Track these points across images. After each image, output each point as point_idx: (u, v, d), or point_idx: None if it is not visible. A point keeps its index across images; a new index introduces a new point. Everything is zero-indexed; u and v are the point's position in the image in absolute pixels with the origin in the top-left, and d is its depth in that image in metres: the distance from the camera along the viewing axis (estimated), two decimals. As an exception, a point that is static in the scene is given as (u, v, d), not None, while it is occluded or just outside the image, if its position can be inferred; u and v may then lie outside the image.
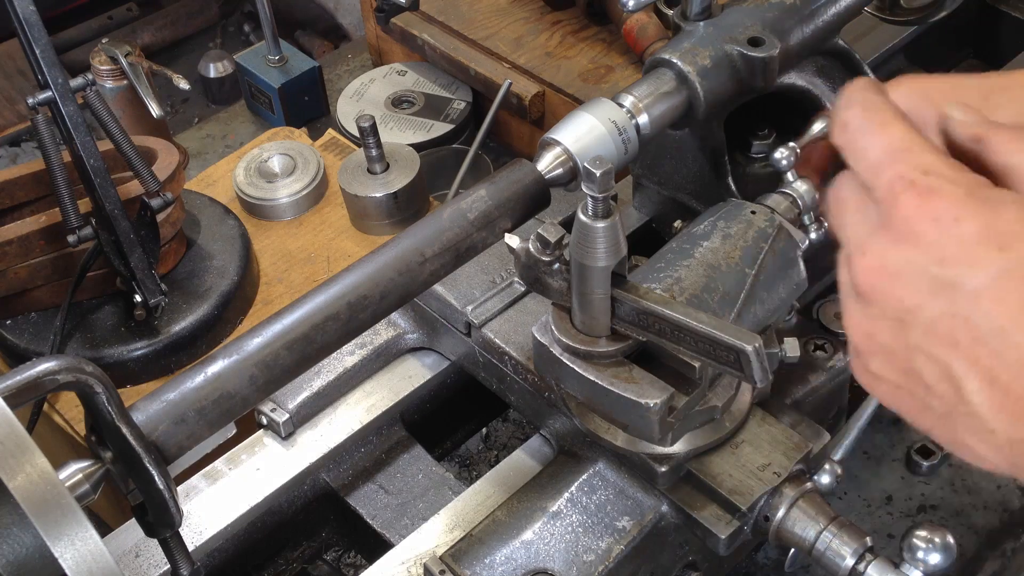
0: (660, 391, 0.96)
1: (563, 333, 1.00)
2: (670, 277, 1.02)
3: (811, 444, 1.09)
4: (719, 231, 1.06)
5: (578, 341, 0.99)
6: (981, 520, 1.46)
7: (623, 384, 0.97)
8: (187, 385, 0.87)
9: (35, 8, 1.24)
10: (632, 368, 0.98)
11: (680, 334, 0.93)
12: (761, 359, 0.89)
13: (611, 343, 0.99)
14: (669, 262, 1.04)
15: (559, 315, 1.01)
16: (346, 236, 1.75)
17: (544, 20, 2.10)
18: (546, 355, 1.01)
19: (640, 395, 0.96)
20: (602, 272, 0.93)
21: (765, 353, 0.90)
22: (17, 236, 1.45)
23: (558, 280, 0.99)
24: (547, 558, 1.07)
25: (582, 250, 0.92)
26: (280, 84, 2.17)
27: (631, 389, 0.96)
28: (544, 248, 0.97)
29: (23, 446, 0.72)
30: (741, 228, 1.06)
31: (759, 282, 1.04)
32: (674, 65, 1.13)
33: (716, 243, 1.05)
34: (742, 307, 1.02)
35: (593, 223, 0.90)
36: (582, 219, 0.91)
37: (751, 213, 1.08)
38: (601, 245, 0.91)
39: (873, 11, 1.52)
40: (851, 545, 1.03)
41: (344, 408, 1.28)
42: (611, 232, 0.91)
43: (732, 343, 0.89)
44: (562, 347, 1.00)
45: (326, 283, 0.95)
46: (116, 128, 1.42)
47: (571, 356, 0.99)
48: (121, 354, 1.51)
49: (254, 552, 1.26)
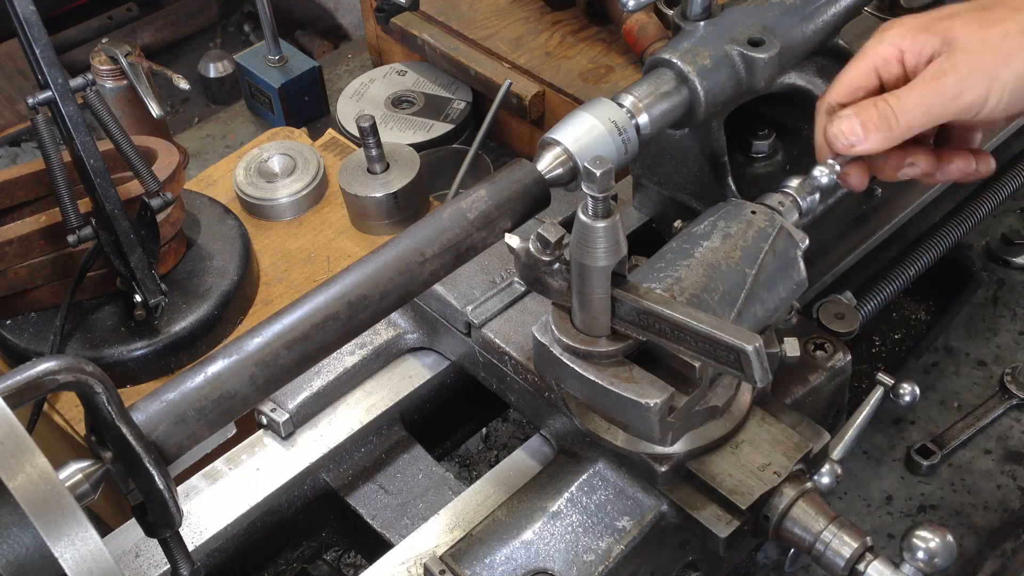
0: (660, 391, 0.96)
1: (563, 333, 1.00)
2: (670, 277, 1.02)
3: (811, 444, 1.09)
4: (719, 231, 1.06)
5: (578, 341, 0.99)
6: (981, 520, 1.46)
7: (623, 384, 0.97)
8: (187, 385, 0.87)
9: (35, 8, 1.24)
10: (632, 368, 0.98)
11: (680, 334, 0.93)
12: (761, 359, 0.89)
13: (611, 343, 0.99)
14: (669, 262, 1.04)
15: (559, 315, 1.01)
16: (346, 236, 1.75)
17: (544, 20, 2.10)
18: (546, 355, 1.01)
19: (640, 395, 0.96)
20: (602, 272, 0.93)
21: (765, 353, 0.90)
22: (17, 236, 1.45)
23: (558, 280, 0.99)
24: (547, 558, 1.07)
25: (582, 250, 0.92)
26: (280, 84, 2.17)
27: (631, 389, 0.96)
28: (544, 248, 0.97)
29: (23, 446, 0.72)
30: (741, 228, 1.06)
31: (759, 282, 1.04)
32: (674, 65, 1.13)
33: (716, 243, 1.05)
34: (742, 307, 1.02)
35: (593, 223, 0.90)
36: (582, 219, 0.91)
37: (751, 213, 1.08)
38: (601, 245, 0.92)
39: (873, 11, 1.52)
40: (851, 545, 1.03)
41: (344, 408, 1.28)
42: (611, 232, 0.91)
43: (732, 343, 0.89)
44: (562, 347, 1.00)
45: (326, 283, 0.95)
46: (116, 128, 1.42)
47: (571, 356, 0.99)
48: (121, 354, 1.51)
49: (254, 552, 1.26)
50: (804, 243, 1.08)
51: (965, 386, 1.63)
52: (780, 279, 1.06)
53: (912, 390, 1.27)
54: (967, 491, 1.50)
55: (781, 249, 1.06)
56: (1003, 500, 1.48)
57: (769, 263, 1.05)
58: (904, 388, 1.27)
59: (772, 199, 1.11)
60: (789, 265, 1.07)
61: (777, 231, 1.06)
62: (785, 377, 1.18)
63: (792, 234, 1.07)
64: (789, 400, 1.18)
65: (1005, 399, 1.59)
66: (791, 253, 1.07)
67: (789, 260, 1.07)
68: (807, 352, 1.22)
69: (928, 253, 1.59)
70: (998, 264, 1.81)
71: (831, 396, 1.24)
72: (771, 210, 1.09)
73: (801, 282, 1.08)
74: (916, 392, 1.27)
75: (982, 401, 1.60)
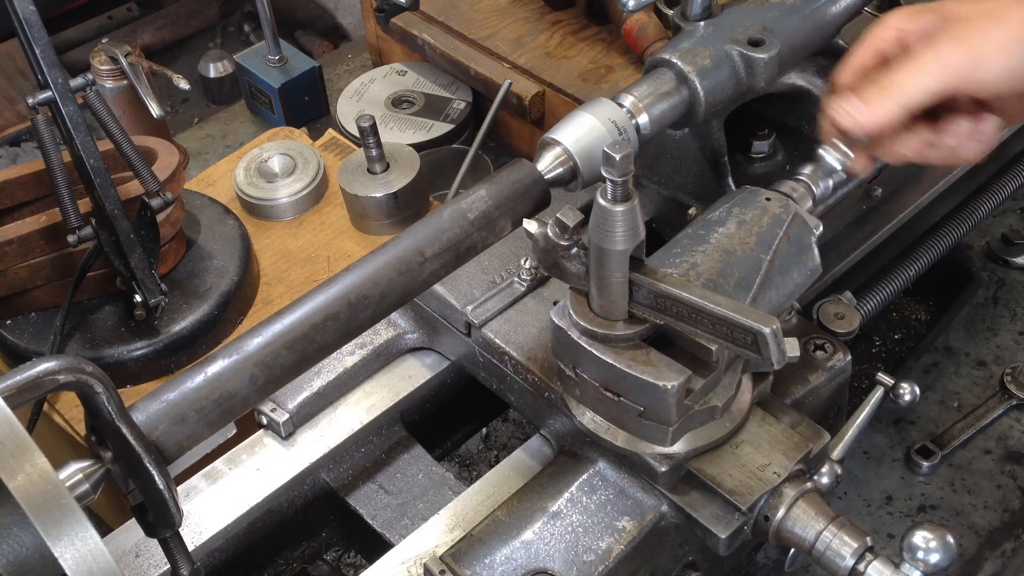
0: (677, 373, 0.96)
1: (581, 317, 1.00)
2: (686, 262, 1.03)
3: (811, 444, 1.09)
4: (734, 217, 1.07)
5: (596, 325, 1.00)
6: (981, 520, 1.46)
7: (640, 367, 0.98)
8: (187, 385, 0.87)
9: (35, 8, 1.24)
10: (649, 351, 0.99)
11: (697, 317, 0.94)
12: (779, 341, 0.90)
13: (629, 327, 0.99)
14: (685, 248, 1.05)
15: (577, 299, 1.02)
16: (346, 236, 1.75)
17: (544, 20, 2.10)
18: (564, 339, 1.02)
19: (658, 377, 0.96)
20: (620, 255, 0.94)
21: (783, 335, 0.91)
22: (17, 236, 1.45)
23: (576, 264, 1.00)
24: (547, 558, 1.07)
25: (601, 233, 0.93)
26: (280, 84, 2.17)
27: (649, 372, 0.97)
28: (563, 232, 0.98)
29: (23, 446, 0.72)
30: (756, 214, 1.07)
31: (774, 267, 1.05)
32: (674, 65, 1.13)
33: (731, 229, 1.06)
34: (757, 292, 1.03)
35: (612, 207, 0.91)
36: (601, 203, 0.92)
37: (766, 200, 1.09)
38: (620, 228, 0.92)
39: (873, 11, 1.52)
40: (851, 545, 1.03)
41: (344, 408, 1.28)
42: (630, 216, 0.92)
43: (750, 325, 0.90)
44: (580, 330, 1.01)
45: (326, 283, 0.95)
46: (116, 128, 1.42)
47: (589, 339, 1.00)
48: (121, 354, 1.51)
49: (254, 552, 1.26)
50: (818, 229, 1.09)
51: (965, 386, 1.63)
52: (795, 265, 1.07)
53: (912, 390, 1.27)
54: (967, 491, 1.50)
55: (796, 235, 1.07)
56: (1003, 500, 1.48)
57: (784, 249, 1.06)
58: (904, 388, 1.27)
59: (785, 186, 1.12)
60: (803, 251, 1.08)
61: (791, 217, 1.07)
62: (785, 377, 1.18)
63: (806, 220, 1.08)
64: (789, 400, 1.18)
65: (1005, 399, 1.59)
66: (805, 239, 1.08)
67: (803, 246, 1.08)
68: (807, 352, 1.22)
69: (928, 253, 1.59)
70: (998, 264, 1.81)
71: (831, 396, 1.24)
72: (785, 197, 1.10)
73: (815, 268, 1.09)
74: (916, 392, 1.27)
75: (982, 401, 1.60)
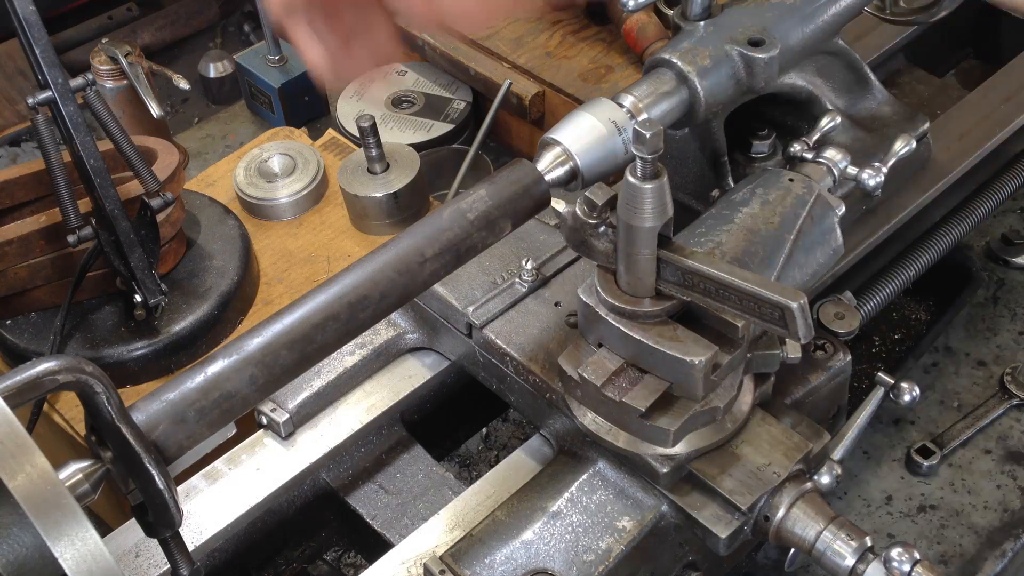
0: (705, 348, 0.97)
1: (608, 294, 1.02)
2: (711, 241, 1.04)
3: (811, 444, 1.09)
4: (758, 197, 1.08)
5: (623, 301, 1.01)
6: (981, 520, 1.46)
7: (668, 343, 0.99)
8: (187, 385, 0.87)
9: (35, 8, 1.24)
10: (677, 327, 1.00)
11: (725, 293, 0.95)
12: (806, 316, 0.91)
13: (656, 303, 1.00)
14: (710, 227, 1.06)
15: (604, 277, 1.03)
16: (346, 236, 1.75)
17: (544, 20, 2.10)
18: (591, 316, 1.03)
19: (686, 353, 0.98)
20: (649, 232, 0.95)
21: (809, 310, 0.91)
22: (17, 236, 1.45)
23: (604, 242, 1.01)
24: (547, 558, 1.07)
25: (630, 211, 0.94)
26: (280, 84, 2.17)
27: (676, 347, 0.98)
28: (591, 211, 0.99)
29: (23, 446, 0.72)
30: (780, 194, 1.08)
31: (798, 247, 1.06)
32: (674, 65, 1.13)
33: (755, 209, 1.07)
34: (781, 271, 1.05)
35: (641, 184, 0.92)
36: (630, 180, 0.93)
37: (789, 180, 1.10)
38: (648, 205, 0.93)
39: (873, 11, 1.52)
40: (851, 545, 1.03)
41: (344, 408, 1.28)
42: (659, 193, 0.93)
43: (777, 300, 0.91)
44: (608, 307, 1.02)
45: (326, 283, 0.95)
46: (116, 128, 1.42)
47: (617, 316, 1.01)
48: (121, 354, 1.51)
49: (254, 552, 1.26)
50: (840, 210, 1.10)
51: (965, 386, 1.63)
52: (818, 245, 1.09)
53: (912, 390, 1.27)
54: (967, 491, 1.50)
55: (819, 215, 1.09)
56: (1003, 500, 1.48)
57: (807, 228, 1.07)
58: (904, 388, 1.27)
59: (808, 168, 1.13)
60: (826, 231, 1.10)
61: (815, 198, 1.08)
62: (785, 377, 1.18)
63: (829, 201, 1.09)
64: (789, 400, 1.18)
65: (1005, 399, 1.59)
66: (828, 219, 1.10)
67: (826, 226, 1.09)
68: (807, 352, 1.22)
69: (928, 253, 1.59)
70: (998, 264, 1.81)
71: (831, 396, 1.24)
72: (807, 178, 1.11)
73: (838, 248, 1.10)
74: (916, 392, 1.27)
75: (982, 401, 1.60)
